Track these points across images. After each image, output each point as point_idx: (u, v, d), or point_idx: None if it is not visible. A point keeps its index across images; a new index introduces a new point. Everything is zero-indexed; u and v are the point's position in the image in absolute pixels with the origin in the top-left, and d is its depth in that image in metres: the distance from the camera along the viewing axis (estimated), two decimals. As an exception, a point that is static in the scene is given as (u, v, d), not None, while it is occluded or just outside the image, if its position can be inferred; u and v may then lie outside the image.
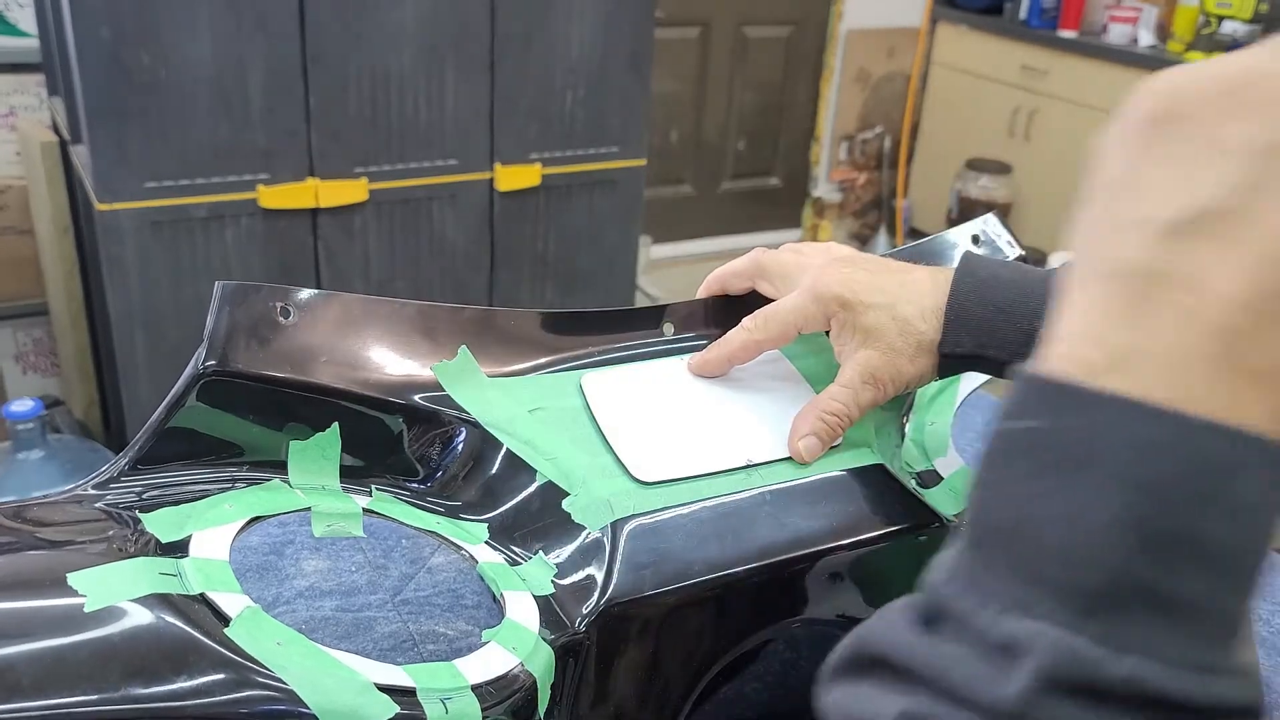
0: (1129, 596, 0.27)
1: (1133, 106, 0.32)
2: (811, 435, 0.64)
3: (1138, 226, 0.30)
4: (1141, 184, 0.30)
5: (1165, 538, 0.27)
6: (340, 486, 0.62)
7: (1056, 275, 0.63)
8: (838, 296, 0.64)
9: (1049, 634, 0.27)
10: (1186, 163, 0.29)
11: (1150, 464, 0.27)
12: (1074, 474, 0.28)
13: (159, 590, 0.48)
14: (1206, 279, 0.28)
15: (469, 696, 0.52)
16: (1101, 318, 0.30)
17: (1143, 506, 0.27)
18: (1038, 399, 0.30)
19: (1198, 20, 3.43)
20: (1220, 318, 0.28)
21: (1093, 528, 0.27)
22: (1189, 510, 0.27)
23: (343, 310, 0.62)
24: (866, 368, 0.64)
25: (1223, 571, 0.27)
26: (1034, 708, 0.27)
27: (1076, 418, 0.28)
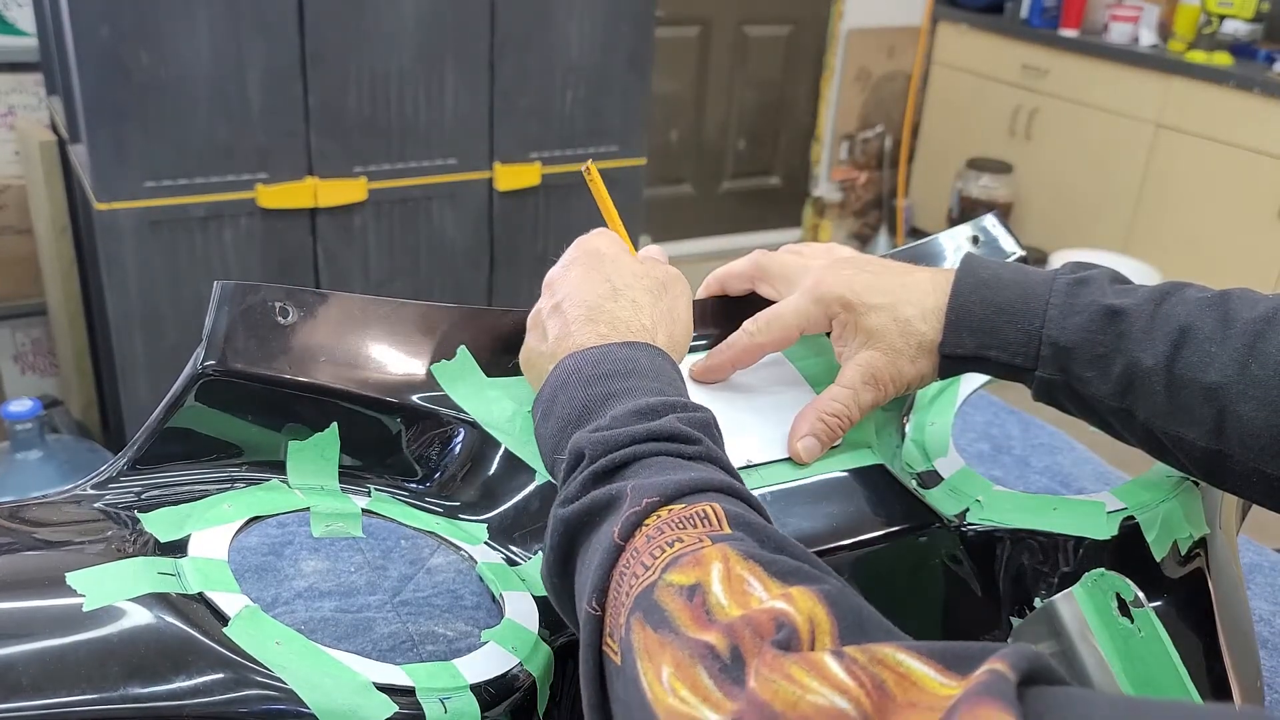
0: (601, 404, 0.53)
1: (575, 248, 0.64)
2: (811, 436, 0.64)
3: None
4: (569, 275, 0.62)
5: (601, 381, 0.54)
6: (339, 487, 0.61)
7: (1056, 274, 0.63)
8: (839, 298, 0.64)
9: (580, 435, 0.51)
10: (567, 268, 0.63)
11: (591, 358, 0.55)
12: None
13: (158, 590, 0.48)
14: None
15: (468, 696, 0.51)
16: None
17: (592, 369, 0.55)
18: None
19: (1199, 19, 3.43)
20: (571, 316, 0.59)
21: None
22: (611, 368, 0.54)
23: (342, 310, 0.62)
24: (868, 369, 0.64)
25: (636, 386, 0.53)
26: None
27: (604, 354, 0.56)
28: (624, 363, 0.55)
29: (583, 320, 0.58)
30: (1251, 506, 0.76)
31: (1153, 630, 0.62)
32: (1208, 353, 0.57)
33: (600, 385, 0.53)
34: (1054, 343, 0.60)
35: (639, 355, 0.55)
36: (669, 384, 0.55)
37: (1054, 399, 0.63)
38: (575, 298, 0.59)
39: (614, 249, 0.63)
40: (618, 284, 0.60)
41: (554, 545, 0.49)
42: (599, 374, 0.54)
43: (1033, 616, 0.65)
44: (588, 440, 0.50)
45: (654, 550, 0.43)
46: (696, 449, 0.50)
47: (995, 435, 1.16)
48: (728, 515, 0.45)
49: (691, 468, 0.49)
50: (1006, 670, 0.32)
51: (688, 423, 0.51)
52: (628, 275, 0.61)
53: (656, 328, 0.59)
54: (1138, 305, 0.59)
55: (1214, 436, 0.57)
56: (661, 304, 0.61)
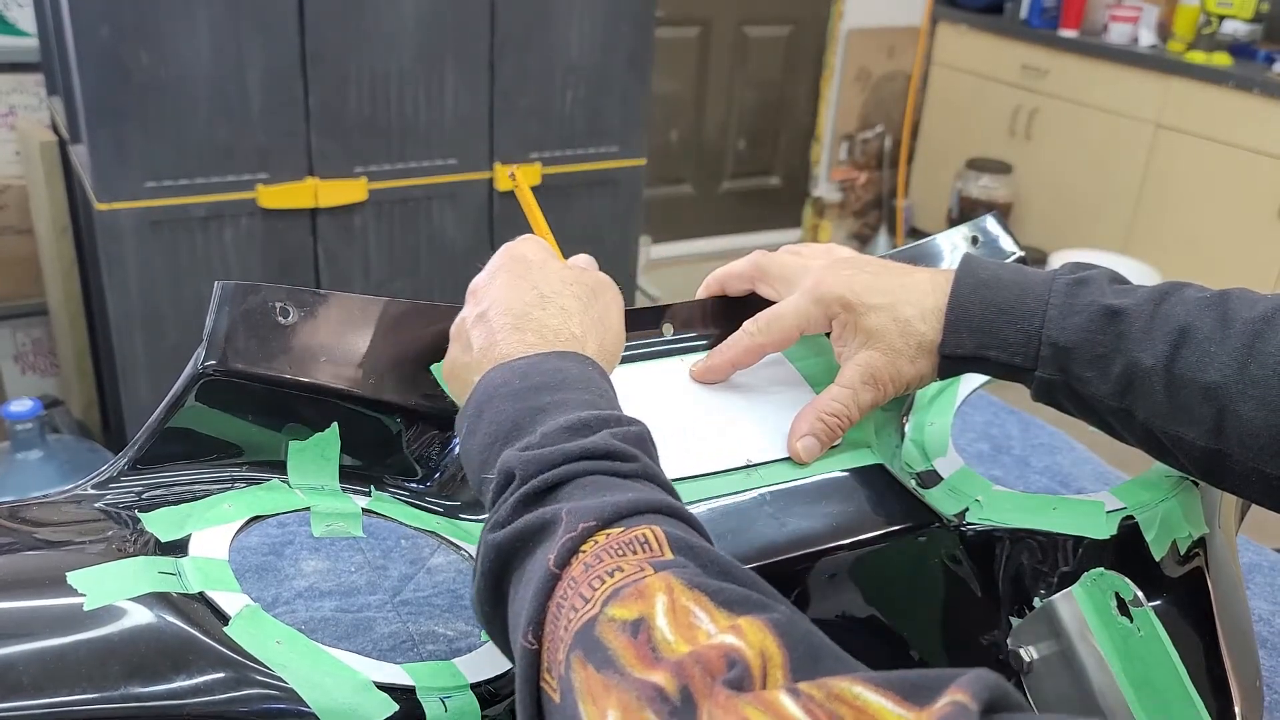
0: (530, 419, 0.51)
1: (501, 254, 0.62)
2: (810, 436, 0.64)
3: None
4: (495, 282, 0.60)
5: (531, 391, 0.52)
6: (339, 486, 0.62)
7: (1054, 275, 0.63)
8: (839, 298, 0.64)
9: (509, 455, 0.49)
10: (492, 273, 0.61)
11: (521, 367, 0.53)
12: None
13: (158, 589, 0.48)
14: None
15: (468, 695, 0.52)
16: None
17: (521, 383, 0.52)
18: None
19: (1198, 20, 3.43)
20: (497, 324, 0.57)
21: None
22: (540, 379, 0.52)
23: (342, 310, 0.62)
24: (867, 369, 0.64)
25: (567, 399, 0.51)
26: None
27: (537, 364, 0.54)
28: (553, 374, 0.52)
29: (509, 329, 0.55)
30: (1250, 506, 0.76)
31: (1152, 630, 0.62)
32: (1207, 352, 0.57)
33: (529, 399, 0.51)
34: (1053, 343, 0.60)
35: (569, 365, 0.53)
36: (601, 395, 0.52)
37: (1053, 399, 0.63)
38: (501, 305, 0.57)
39: (541, 255, 0.61)
40: (545, 291, 0.57)
41: (484, 572, 0.46)
42: (528, 386, 0.51)
43: (1032, 616, 0.65)
44: (518, 459, 0.47)
45: (593, 580, 0.41)
46: (632, 466, 0.48)
47: (995, 435, 1.17)
48: (669, 539, 0.43)
49: (628, 487, 0.47)
50: (968, 701, 0.31)
51: (622, 438, 0.49)
52: (556, 282, 0.58)
53: (587, 336, 0.57)
54: (1137, 305, 0.59)
55: (1213, 436, 0.57)
56: (592, 311, 0.59)
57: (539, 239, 0.64)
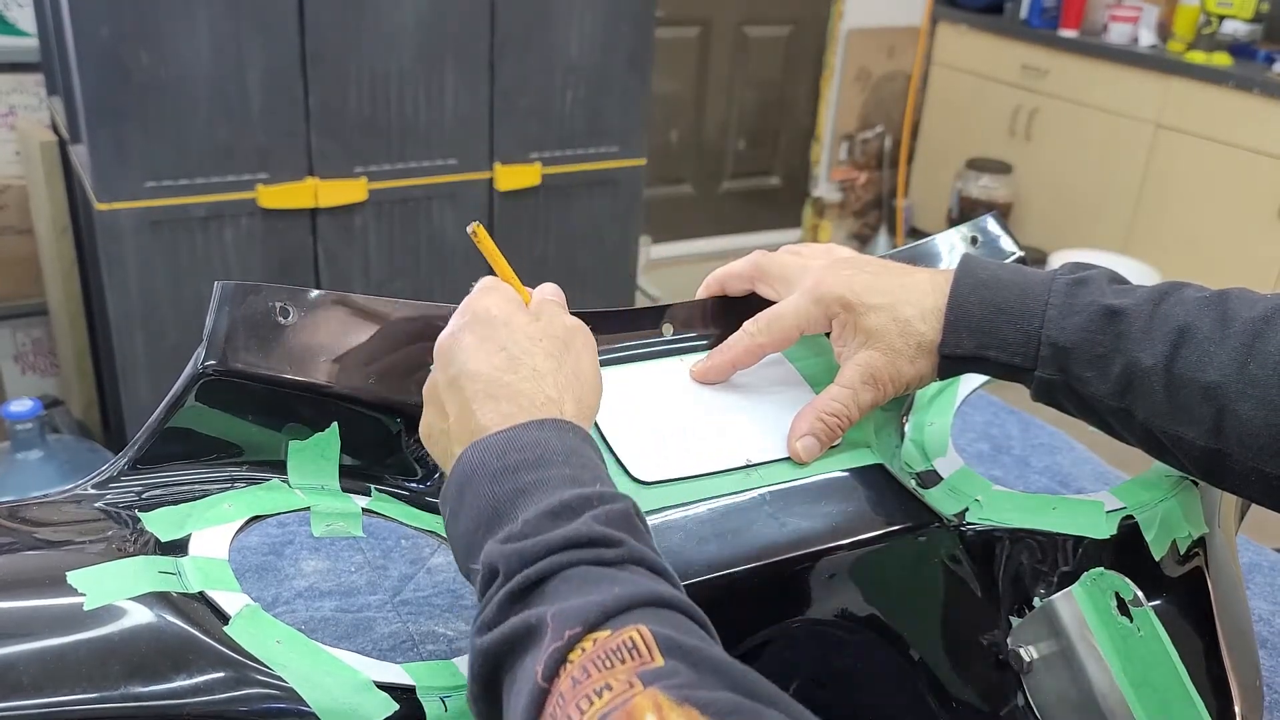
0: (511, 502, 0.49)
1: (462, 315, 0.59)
2: (810, 435, 0.64)
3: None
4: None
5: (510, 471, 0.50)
6: (339, 486, 0.62)
7: (1054, 275, 0.63)
8: (839, 298, 0.64)
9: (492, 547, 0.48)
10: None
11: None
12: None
13: (158, 589, 0.48)
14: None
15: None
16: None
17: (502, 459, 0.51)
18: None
19: (1198, 20, 3.43)
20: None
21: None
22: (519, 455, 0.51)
23: (342, 310, 0.62)
24: (867, 369, 0.64)
25: (547, 477, 0.50)
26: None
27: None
28: (532, 448, 0.50)
29: (482, 397, 0.54)
30: (1250, 506, 0.76)
31: (1152, 629, 0.62)
32: (1206, 352, 0.57)
33: (508, 480, 0.49)
34: (1053, 343, 0.60)
35: (548, 436, 0.51)
36: (583, 467, 0.51)
37: (1053, 399, 0.63)
38: (470, 371, 0.55)
39: (505, 308, 0.58)
40: (514, 351, 0.55)
41: (476, 675, 0.45)
42: (506, 466, 0.50)
43: (1032, 616, 0.66)
44: (500, 554, 0.46)
45: (580, 701, 0.40)
46: (618, 552, 0.46)
47: (995, 435, 1.17)
48: (658, 641, 0.42)
49: (615, 579, 0.45)
50: None
51: (607, 520, 0.47)
52: (523, 340, 0.56)
53: (563, 396, 0.55)
54: (1136, 305, 0.59)
55: (1213, 436, 0.57)
56: (565, 367, 0.56)
57: (500, 284, 0.61)
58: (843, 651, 0.75)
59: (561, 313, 0.60)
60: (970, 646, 0.66)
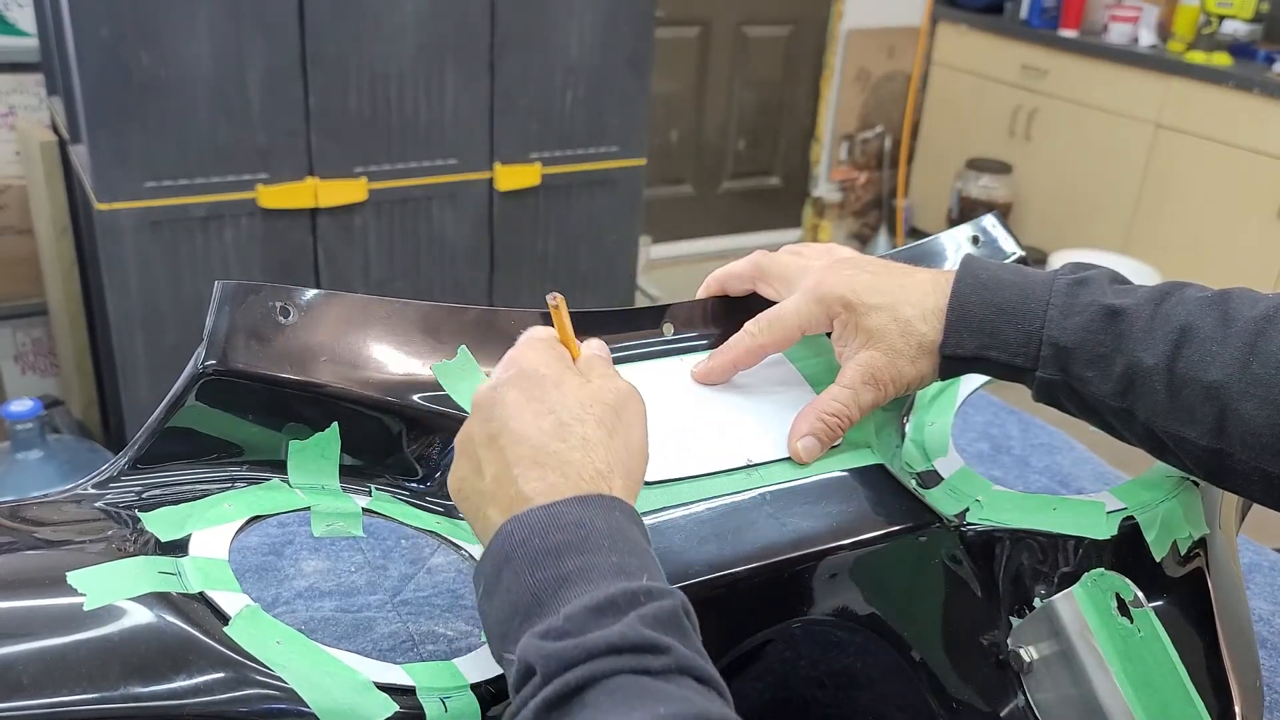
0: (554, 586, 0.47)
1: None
2: (810, 436, 0.64)
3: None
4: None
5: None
6: (340, 486, 0.62)
7: (1054, 274, 0.63)
8: (840, 298, 0.64)
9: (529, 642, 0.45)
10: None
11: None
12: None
13: (158, 589, 0.48)
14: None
15: (468, 695, 0.52)
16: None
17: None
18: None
19: (1198, 20, 3.43)
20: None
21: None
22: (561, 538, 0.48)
23: (342, 310, 0.62)
24: (868, 369, 0.64)
25: (593, 564, 0.47)
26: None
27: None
28: (577, 529, 0.48)
29: (527, 462, 0.50)
30: (1251, 506, 0.76)
31: (1152, 630, 0.62)
32: (1209, 351, 0.57)
33: (551, 566, 0.47)
34: (1054, 343, 0.60)
35: (594, 517, 0.48)
36: (630, 554, 0.48)
37: (1055, 399, 0.63)
38: (516, 432, 0.51)
39: (554, 367, 0.55)
40: (564, 417, 0.52)
41: None
42: (549, 547, 0.47)
43: (1032, 616, 0.66)
44: (539, 652, 0.44)
45: None
46: (665, 660, 0.44)
47: (995, 435, 1.17)
48: None
49: (661, 694, 0.42)
50: None
51: (654, 621, 0.45)
52: (574, 405, 0.53)
53: (612, 470, 0.52)
54: (1138, 305, 0.59)
55: (1215, 435, 0.57)
56: (616, 438, 0.53)
57: (549, 341, 0.57)
58: (843, 651, 0.75)
59: (614, 375, 0.57)
60: (970, 647, 0.66)
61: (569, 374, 0.55)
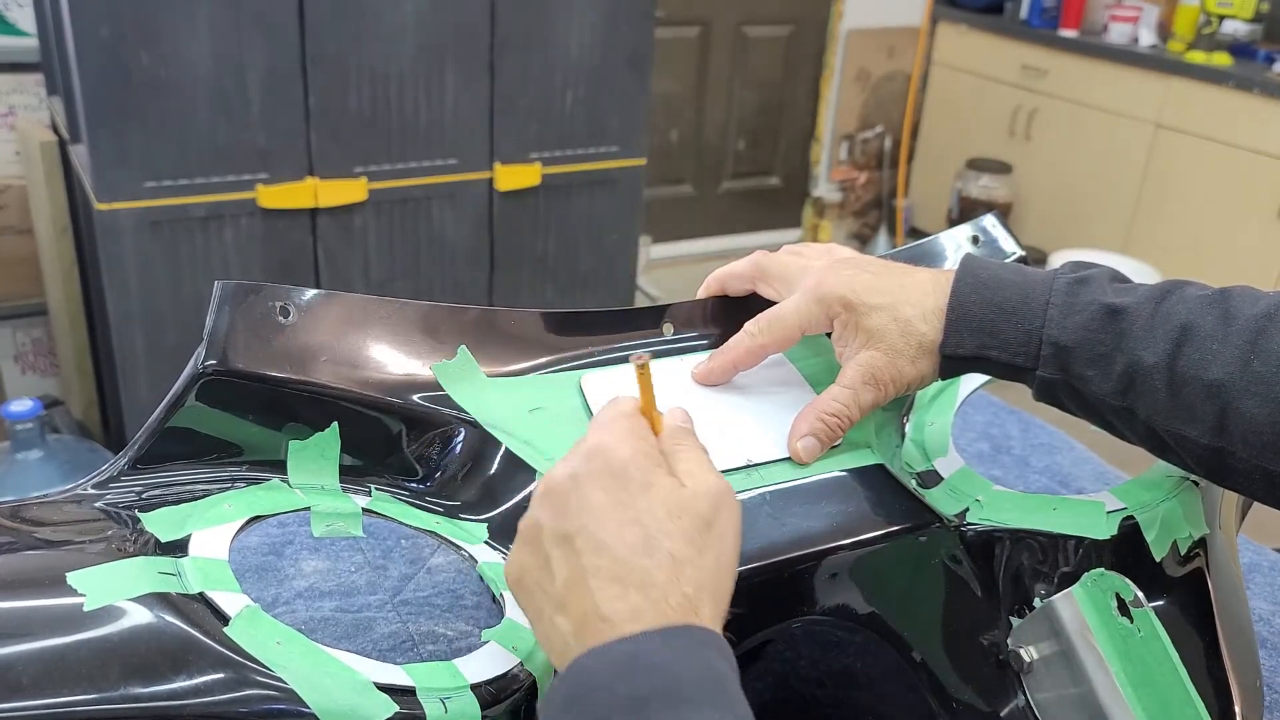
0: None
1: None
2: (810, 436, 0.64)
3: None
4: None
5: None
6: (339, 486, 0.62)
7: (1055, 274, 0.63)
8: (841, 298, 0.64)
9: None
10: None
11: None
12: None
13: (158, 589, 0.48)
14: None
15: (468, 696, 0.51)
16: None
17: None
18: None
19: (1199, 20, 3.43)
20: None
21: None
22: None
23: (342, 310, 0.62)
24: (868, 369, 0.64)
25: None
26: None
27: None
28: (663, 675, 0.43)
29: (606, 576, 0.46)
30: (1251, 506, 0.76)
31: (1152, 630, 0.62)
32: (1209, 349, 0.57)
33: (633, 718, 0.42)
34: (1054, 342, 0.60)
35: (682, 658, 0.44)
36: (724, 705, 0.43)
37: (1055, 399, 0.63)
38: (596, 539, 0.47)
39: (643, 465, 0.50)
40: (651, 529, 0.47)
41: None
42: (634, 697, 0.42)
43: (1032, 616, 0.65)
44: None
45: None
46: None
47: (995, 435, 1.16)
48: None
49: None
50: None
51: None
52: (662, 515, 0.48)
53: (700, 595, 0.47)
54: (1138, 304, 0.59)
55: (1216, 434, 0.57)
56: (707, 555, 0.48)
57: (635, 421, 0.53)
58: (843, 651, 0.75)
59: (706, 469, 0.51)
60: (970, 647, 0.66)
61: (658, 473, 0.50)
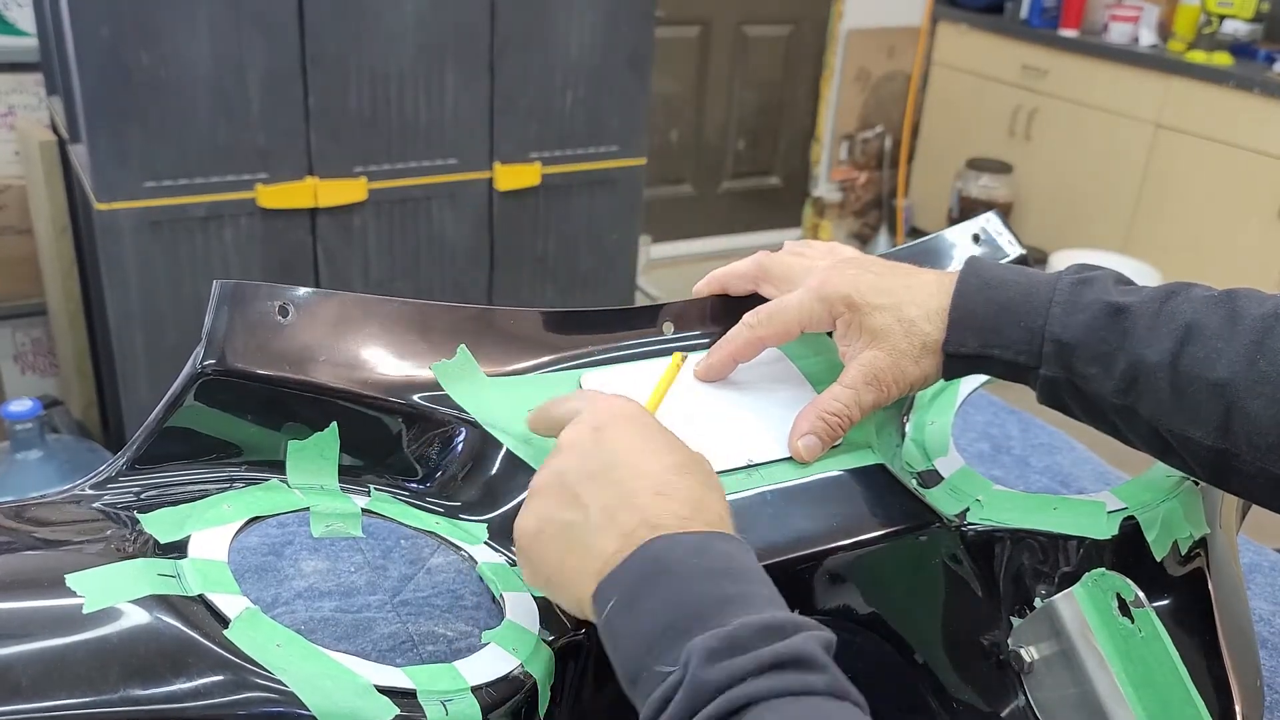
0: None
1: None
2: (811, 434, 0.64)
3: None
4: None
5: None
6: (339, 486, 0.61)
7: (1059, 276, 0.63)
8: (844, 297, 0.64)
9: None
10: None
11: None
12: None
13: (158, 591, 0.48)
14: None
15: (469, 698, 0.51)
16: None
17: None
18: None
19: (1199, 19, 3.43)
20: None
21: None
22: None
23: (341, 309, 0.61)
24: (871, 369, 0.64)
25: (751, 592, 0.46)
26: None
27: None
28: (727, 559, 0.47)
29: (649, 493, 0.49)
30: (1252, 506, 0.76)
31: (1153, 630, 0.62)
32: (1215, 349, 0.56)
33: (713, 585, 0.45)
34: (1056, 339, 0.60)
35: (736, 552, 0.47)
36: (776, 594, 0.47)
37: (1058, 399, 0.62)
38: (632, 465, 0.50)
39: (649, 417, 0.54)
40: (680, 458, 0.51)
41: None
42: (708, 569, 0.46)
43: (1033, 616, 0.65)
44: (706, 661, 0.42)
45: None
46: (827, 680, 0.43)
47: (995, 435, 1.16)
48: None
49: (828, 714, 0.42)
50: None
51: (818, 644, 0.44)
52: (681, 446, 0.52)
53: (726, 517, 0.51)
54: (1142, 303, 0.59)
55: (1220, 435, 0.57)
56: (713, 487, 0.52)
57: (636, 404, 0.56)
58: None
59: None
60: (971, 647, 0.66)
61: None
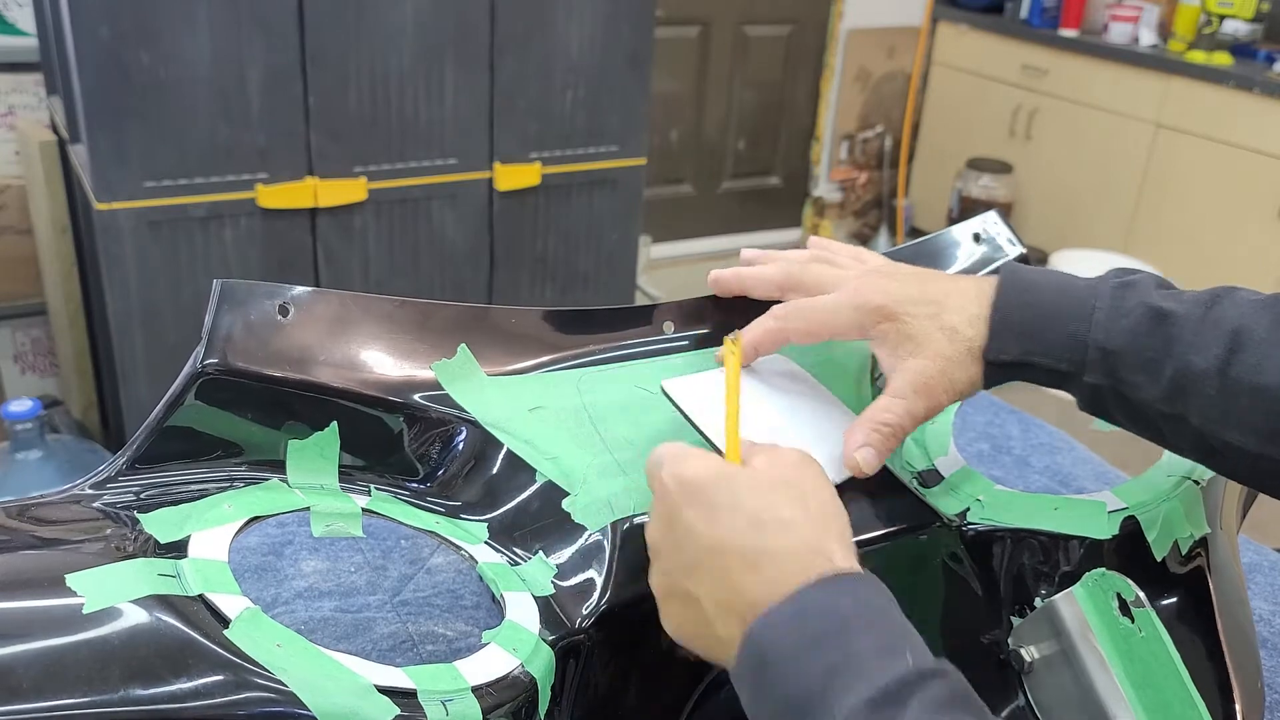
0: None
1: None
2: (868, 446, 0.61)
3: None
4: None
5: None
6: (339, 486, 0.61)
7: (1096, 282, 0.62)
8: (880, 307, 0.62)
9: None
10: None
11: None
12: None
13: (158, 591, 0.48)
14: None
15: (469, 698, 0.51)
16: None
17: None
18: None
19: (1199, 19, 3.43)
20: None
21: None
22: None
23: (341, 309, 0.61)
24: (920, 377, 0.62)
25: (856, 650, 0.45)
26: None
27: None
28: (825, 615, 0.46)
29: (739, 571, 0.49)
30: (1252, 506, 0.76)
31: (1153, 630, 0.62)
32: (1265, 354, 0.55)
33: (813, 658, 0.44)
34: (1101, 346, 0.59)
35: (838, 598, 0.47)
36: (888, 631, 0.46)
37: (1102, 408, 0.61)
38: (712, 548, 0.49)
39: (708, 469, 0.52)
40: (750, 510, 0.50)
41: None
42: (805, 642, 0.45)
43: (1033, 616, 0.65)
44: None
45: None
46: None
47: (995, 435, 1.16)
48: None
49: None
50: None
51: (936, 707, 0.42)
52: (747, 493, 0.51)
53: (825, 543, 0.49)
54: (1187, 308, 0.58)
55: (1269, 442, 0.55)
56: (810, 502, 0.51)
57: (685, 448, 0.54)
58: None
59: (776, 450, 0.54)
60: (971, 646, 0.66)
61: (729, 467, 0.53)
